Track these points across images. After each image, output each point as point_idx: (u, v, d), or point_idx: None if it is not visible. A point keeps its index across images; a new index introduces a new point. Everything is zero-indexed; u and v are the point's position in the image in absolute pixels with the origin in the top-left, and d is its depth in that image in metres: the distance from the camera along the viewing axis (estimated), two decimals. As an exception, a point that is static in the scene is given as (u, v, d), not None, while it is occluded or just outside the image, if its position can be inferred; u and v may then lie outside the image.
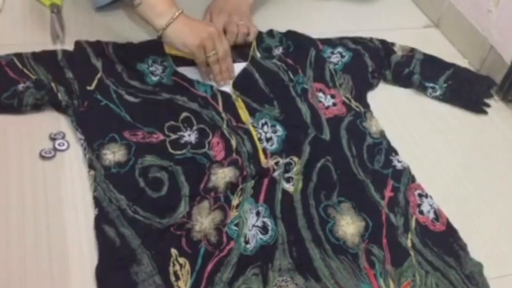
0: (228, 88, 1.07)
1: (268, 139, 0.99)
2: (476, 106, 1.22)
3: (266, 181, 0.92)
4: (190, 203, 0.87)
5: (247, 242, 0.83)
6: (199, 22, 1.06)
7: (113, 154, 0.92)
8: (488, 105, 1.22)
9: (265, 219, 0.86)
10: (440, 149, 1.11)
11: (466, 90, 1.23)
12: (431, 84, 1.22)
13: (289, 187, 0.92)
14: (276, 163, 0.95)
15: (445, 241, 0.90)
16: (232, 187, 0.90)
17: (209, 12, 1.23)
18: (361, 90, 1.16)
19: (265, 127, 1.01)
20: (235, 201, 0.88)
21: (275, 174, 0.93)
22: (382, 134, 1.07)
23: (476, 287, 0.84)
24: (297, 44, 1.21)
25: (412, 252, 0.86)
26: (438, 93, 1.21)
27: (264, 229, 0.85)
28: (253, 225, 0.85)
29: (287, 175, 0.94)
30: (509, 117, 1.21)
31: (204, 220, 0.85)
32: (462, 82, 1.25)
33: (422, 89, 1.23)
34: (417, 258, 0.86)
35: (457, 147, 1.12)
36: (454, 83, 1.23)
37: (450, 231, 0.92)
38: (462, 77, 1.26)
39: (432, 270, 0.85)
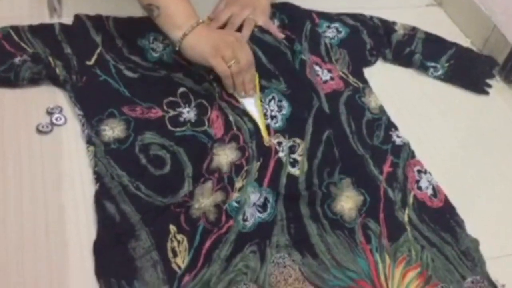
0: (252, 101, 1.00)
1: (273, 117, 0.97)
2: (478, 86, 1.20)
3: (272, 164, 0.90)
4: (194, 184, 0.86)
5: (245, 220, 0.82)
6: (217, 31, 1.00)
7: (112, 130, 0.91)
8: (490, 86, 1.21)
9: (267, 195, 0.86)
10: (440, 129, 1.10)
11: (468, 70, 1.22)
12: (432, 64, 1.21)
13: (295, 171, 0.91)
14: (279, 144, 0.93)
15: (442, 217, 0.90)
16: (236, 168, 0.89)
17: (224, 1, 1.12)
18: (357, 66, 1.15)
19: (272, 104, 0.99)
20: (238, 184, 0.87)
21: (281, 155, 0.92)
22: (382, 109, 1.06)
23: (472, 263, 0.85)
24: (291, 17, 1.18)
25: (408, 227, 0.87)
26: (439, 72, 1.20)
27: (263, 207, 0.85)
28: (254, 203, 0.85)
29: (292, 156, 0.92)
30: (510, 98, 1.21)
31: (205, 200, 0.84)
32: (464, 62, 1.23)
33: (423, 69, 1.21)
34: (414, 233, 0.86)
35: (458, 127, 1.12)
36: (456, 63, 1.22)
37: (448, 208, 0.92)
38: (464, 57, 1.25)
39: (428, 246, 0.85)
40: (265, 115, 0.97)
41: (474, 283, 0.83)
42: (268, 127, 0.96)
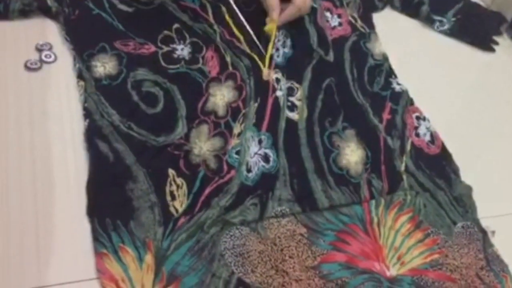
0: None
1: (277, 49, 0.98)
2: (484, 43, 1.19)
3: (270, 104, 0.90)
4: (188, 124, 0.85)
5: (249, 171, 0.82)
6: None
7: (104, 66, 0.89)
8: (496, 43, 1.20)
9: (267, 150, 0.86)
10: (443, 85, 1.08)
11: (475, 25, 1.21)
12: (439, 18, 1.19)
13: (293, 115, 0.91)
14: (277, 80, 0.93)
15: (438, 164, 0.92)
16: (233, 112, 0.88)
17: None
18: (367, 10, 1.15)
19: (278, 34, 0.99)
20: (236, 129, 0.87)
21: (279, 94, 0.92)
22: (385, 56, 1.07)
23: (463, 209, 0.87)
24: None
25: (404, 176, 0.88)
26: (445, 27, 1.18)
27: (266, 159, 0.84)
28: (255, 153, 0.84)
29: (290, 98, 0.93)
30: None
31: (203, 145, 0.84)
32: (471, 17, 1.22)
33: (429, 22, 1.20)
34: (409, 181, 0.88)
35: (461, 84, 1.10)
36: (463, 18, 1.20)
37: (444, 155, 0.94)
38: (471, 12, 1.23)
39: (422, 191, 0.87)
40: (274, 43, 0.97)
41: (464, 228, 0.85)
42: (271, 58, 0.96)
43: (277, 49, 0.98)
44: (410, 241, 0.81)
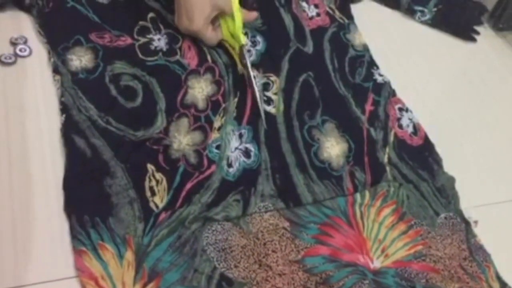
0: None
1: (247, 51, 0.97)
2: (466, 33, 1.20)
3: (249, 100, 0.90)
4: (168, 118, 0.85)
5: (230, 166, 0.82)
6: None
7: (80, 60, 0.88)
8: (477, 33, 1.20)
9: (248, 145, 0.85)
10: (425, 76, 1.09)
11: (456, 15, 1.21)
12: (420, 8, 1.19)
13: (270, 109, 0.91)
14: (254, 77, 0.93)
15: (421, 155, 0.93)
16: (213, 105, 0.88)
17: None
18: (344, 0, 1.14)
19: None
20: (217, 123, 0.86)
21: (256, 89, 0.91)
22: (366, 47, 1.07)
23: (446, 200, 0.88)
24: None
25: (388, 168, 0.89)
26: (427, 17, 1.19)
27: (246, 154, 0.84)
28: (236, 148, 0.84)
29: (266, 93, 0.92)
30: (498, 46, 1.20)
31: (182, 139, 0.83)
32: (452, 7, 1.22)
33: (410, 12, 1.20)
34: (393, 173, 0.89)
35: (443, 74, 1.11)
36: (444, 8, 1.21)
37: (427, 145, 0.95)
38: (452, 2, 1.23)
39: (405, 183, 0.88)
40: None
41: (447, 219, 0.86)
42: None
43: (248, 51, 0.96)
44: (394, 233, 0.81)
